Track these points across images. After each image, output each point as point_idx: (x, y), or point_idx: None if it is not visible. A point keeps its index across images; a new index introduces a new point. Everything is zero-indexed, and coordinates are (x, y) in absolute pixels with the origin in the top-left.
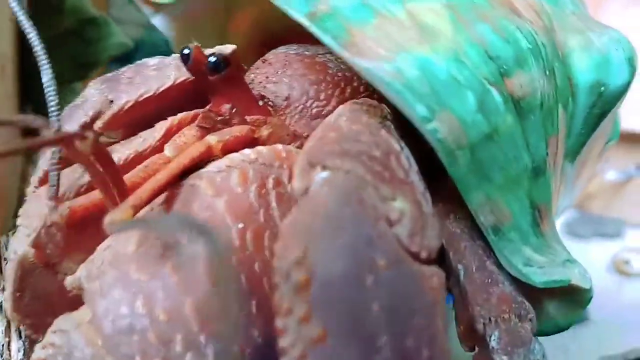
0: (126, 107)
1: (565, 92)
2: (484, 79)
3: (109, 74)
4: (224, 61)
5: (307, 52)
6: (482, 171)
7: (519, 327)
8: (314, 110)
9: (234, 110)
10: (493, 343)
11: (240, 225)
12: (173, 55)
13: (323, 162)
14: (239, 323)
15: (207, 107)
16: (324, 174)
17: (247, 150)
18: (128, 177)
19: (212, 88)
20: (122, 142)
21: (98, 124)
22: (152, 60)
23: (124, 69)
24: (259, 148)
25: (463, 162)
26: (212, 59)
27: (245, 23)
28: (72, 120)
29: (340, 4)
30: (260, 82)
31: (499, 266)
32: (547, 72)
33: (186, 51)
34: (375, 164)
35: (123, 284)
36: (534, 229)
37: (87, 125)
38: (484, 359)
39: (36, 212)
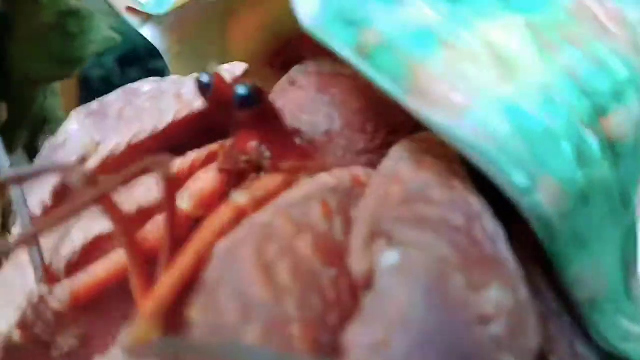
0: (117, 151)
1: None
2: (578, 122)
3: (93, 105)
4: (256, 94)
5: (344, 71)
6: (580, 239)
7: None
8: (361, 146)
9: (265, 153)
10: None
11: (332, 272)
12: (170, 78)
13: (390, 233)
14: None
15: (228, 142)
16: (393, 255)
17: (325, 176)
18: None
19: (237, 123)
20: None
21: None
22: (145, 86)
23: (111, 96)
24: (337, 172)
25: (562, 234)
26: (242, 91)
27: (247, 29)
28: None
29: (394, 32)
30: (292, 112)
31: (589, 345)
32: None
33: (205, 79)
34: (458, 235)
35: None
36: (627, 292)
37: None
38: None
39: (17, 282)
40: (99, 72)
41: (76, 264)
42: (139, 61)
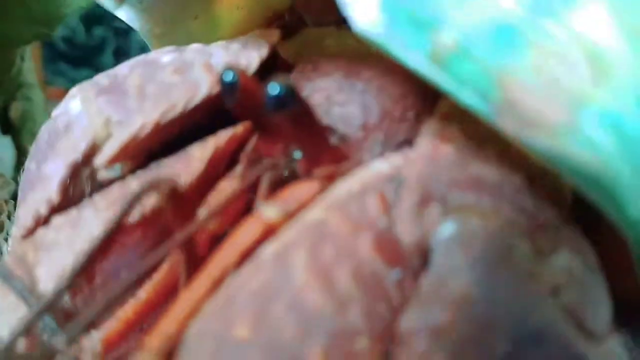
0: (142, 134)
1: None
2: None
3: (102, 80)
4: (291, 93)
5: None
6: None
7: None
8: (401, 138)
9: (294, 157)
10: None
11: (397, 273)
12: (192, 47)
13: (444, 197)
14: None
15: (251, 143)
16: (449, 225)
17: (380, 163)
18: None
19: (265, 124)
20: (139, 174)
21: (101, 159)
22: (164, 57)
23: (123, 69)
24: (395, 158)
25: None
26: (276, 90)
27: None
28: (53, 156)
29: (471, 29)
30: (320, 105)
31: None
32: None
33: (229, 78)
34: (520, 196)
35: None
36: None
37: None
38: None
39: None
40: (63, 31)
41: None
42: (105, 19)
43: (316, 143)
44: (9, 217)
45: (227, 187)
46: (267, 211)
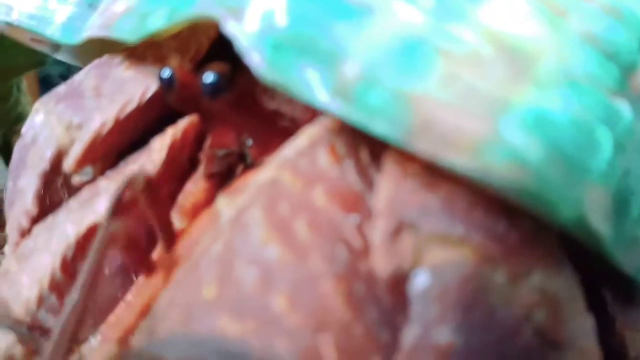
0: (105, 130)
1: None
2: (608, 95)
3: (60, 89)
4: (226, 78)
5: None
6: (624, 218)
7: None
8: None
9: (247, 142)
10: None
11: (354, 218)
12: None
13: (416, 225)
14: None
15: (207, 142)
16: (423, 277)
17: (323, 119)
18: None
19: (210, 114)
20: (108, 174)
21: (68, 164)
22: (119, 55)
23: (78, 76)
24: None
25: (612, 234)
26: (210, 77)
27: None
28: (25, 169)
29: (375, 53)
30: (266, 91)
31: None
32: None
33: (166, 74)
34: (491, 219)
35: None
36: None
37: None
38: None
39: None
40: (59, 69)
41: (73, 259)
42: None
43: (265, 128)
44: None
45: (193, 187)
46: (222, 205)
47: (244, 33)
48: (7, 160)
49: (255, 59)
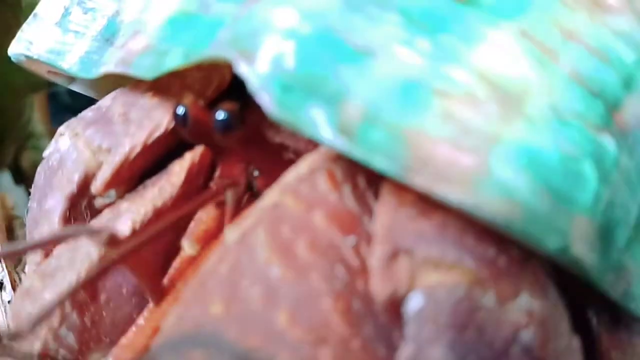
0: (133, 155)
1: None
2: (593, 131)
3: (87, 114)
4: (237, 116)
5: None
6: (609, 247)
7: None
8: None
9: (253, 173)
10: None
11: (351, 239)
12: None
13: (411, 250)
14: None
15: (216, 173)
16: (417, 299)
17: (323, 148)
18: None
19: (221, 148)
20: (128, 196)
21: (96, 186)
22: (145, 84)
23: (105, 101)
24: None
25: (598, 263)
26: (221, 115)
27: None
28: (52, 191)
29: (376, 94)
30: (271, 126)
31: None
32: None
33: (180, 111)
34: (481, 245)
35: None
36: None
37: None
38: None
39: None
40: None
41: None
42: None
43: (270, 160)
44: None
45: (204, 215)
46: (230, 234)
47: (255, 74)
48: (16, 177)
49: (265, 99)
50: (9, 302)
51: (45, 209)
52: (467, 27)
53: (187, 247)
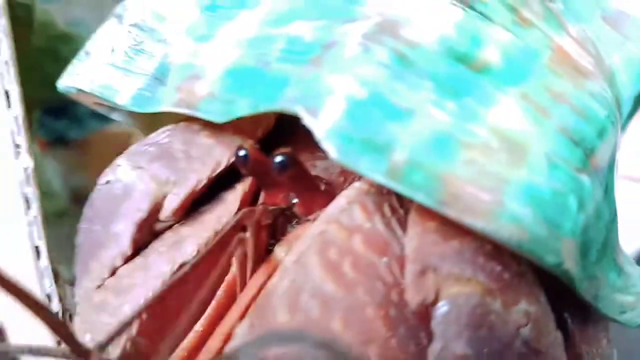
0: (199, 187)
1: (617, 113)
2: (575, 172)
3: (148, 148)
4: (292, 158)
5: None
6: (585, 261)
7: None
8: None
9: (293, 200)
10: None
11: (385, 260)
12: None
13: (436, 268)
14: None
15: (261, 200)
16: (443, 305)
17: (357, 183)
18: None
19: (273, 182)
20: (185, 223)
21: (165, 213)
22: (195, 124)
23: (163, 138)
24: (367, 178)
25: (579, 274)
26: (279, 159)
27: None
28: (119, 217)
29: (416, 144)
30: (307, 161)
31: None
32: (614, 119)
33: (242, 153)
34: (490, 262)
35: None
36: (617, 270)
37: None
38: None
39: None
40: None
41: None
42: None
43: (310, 190)
44: None
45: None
46: (278, 253)
47: (319, 127)
48: None
49: (329, 147)
50: (56, 313)
51: (114, 232)
52: (483, 91)
53: (234, 267)
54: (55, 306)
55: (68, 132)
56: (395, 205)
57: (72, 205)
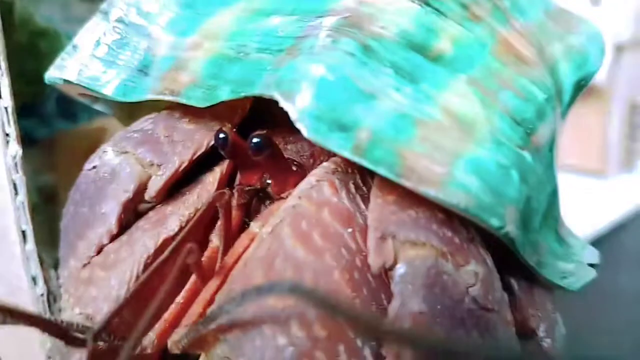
0: (181, 169)
1: (557, 98)
2: (517, 148)
3: (134, 135)
4: (267, 141)
5: None
6: (528, 228)
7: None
8: None
9: (267, 181)
10: (541, 333)
11: (350, 230)
12: None
13: (395, 234)
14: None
15: (237, 180)
16: (401, 267)
17: (325, 163)
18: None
19: (249, 163)
20: (169, 202)
21: (150, 193)
22: (177, 111)
23: (147, 125)
24: (334, 159)
25: (521, 239)
26: (256, 140)
27: None
28: (106, 198)
29: (378, 123)
30: (280, 144)
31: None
32: (554, 103)
33: (222, 135)
34: (442, 228)
35: None
36: (558, 240)
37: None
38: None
39: None
40: None
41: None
42: None
43: (283, 171)
44: None
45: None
46: (253, 228)
47: (293, 109)
48: None
49: (302, 127)
50: (41, 295)
51: (101, 212)
52: (437, 78)
53: (215, 239)
54: (40, 289)
55: (35, 132)
56: (359, 182)
57: (41, 203)
